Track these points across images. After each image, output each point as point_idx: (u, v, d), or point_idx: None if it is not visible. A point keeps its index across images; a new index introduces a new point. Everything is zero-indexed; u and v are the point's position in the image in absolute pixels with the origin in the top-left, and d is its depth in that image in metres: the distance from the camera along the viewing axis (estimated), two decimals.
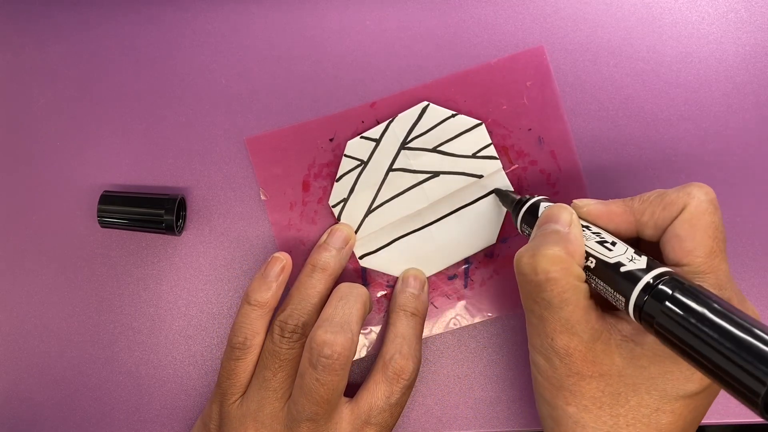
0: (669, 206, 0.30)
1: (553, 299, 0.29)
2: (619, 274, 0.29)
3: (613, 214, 0.32)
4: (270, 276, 0.38)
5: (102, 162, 0.42)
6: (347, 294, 0.37)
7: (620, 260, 0.29)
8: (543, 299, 0.30)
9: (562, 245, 0.30)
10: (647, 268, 0.28)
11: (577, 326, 0.29)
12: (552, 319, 0.30)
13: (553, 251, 0.29)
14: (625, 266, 0.29)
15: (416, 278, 0.40)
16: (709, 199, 0.30)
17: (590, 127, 0.40)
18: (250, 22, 0.42)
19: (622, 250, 0.30)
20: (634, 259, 0.29)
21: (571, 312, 0.29)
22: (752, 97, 0.40)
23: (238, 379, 0.37)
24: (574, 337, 0.29)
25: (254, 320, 0.37)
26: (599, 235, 0.31)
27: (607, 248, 0.30)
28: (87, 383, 0.42)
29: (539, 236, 0.31)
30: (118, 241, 0.42)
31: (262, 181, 0.41)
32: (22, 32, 0.43)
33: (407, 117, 0.40)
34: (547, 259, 0.29)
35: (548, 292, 0.29)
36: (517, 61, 0.40)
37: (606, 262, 0.30)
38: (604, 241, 0.31)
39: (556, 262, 0.29)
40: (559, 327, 0.29)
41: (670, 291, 0.27)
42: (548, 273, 0.29)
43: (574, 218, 0.32)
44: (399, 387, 0.36)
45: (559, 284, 0.29)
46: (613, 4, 0.40)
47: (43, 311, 0.42)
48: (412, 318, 0.38)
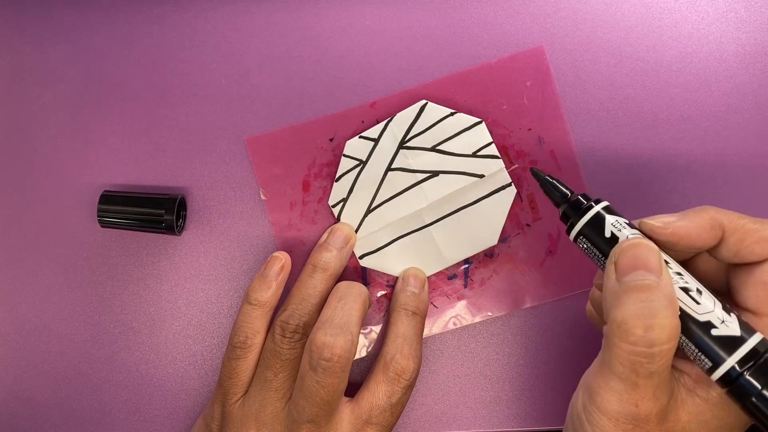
0: (763, 243, 0.28)
1: (659, 369, 0.27)
2: (710, 338, 0.27)
3: (699, 235, 0.29)
4: (270, 275, 0.38)
5: (102, 162, 0.42)
6: (346, 294, 0.37)
7: (710, 319, 0.27)
8: (648, 371, 0.27)
9: (672, 309, 0.27)
10: (742, 333, 0.26)
11: (662, 391, 0.27)
12: (646, 386, 0.27)
13: (668, 322, 0.26)
14: (717, 328, 0.27)
15: (416, 277, 0.39)
16: None
17: (590, 127, 0.40)
18: (250, 22, 0.42)
19: (710, 305, 0.27)
20: (726, 321, 0.27)
21: (662, 377, 0.27)
22: (752, 97, 0.40)
23: (239, 378, 0.37)
24: (657, 401, 0.27)
25: (255, 319, 0.37)
26: (682, 278, 0.28)
27: (693, 299, 0.27)
28: (87, 383, 0.42)
29: (635, 294, 0.27)
30: (118, 241, 0.42)
31: (262, 181, 0.41)
32: (23, 32, 0.43)
33: (405, 116, 0.40)
34: (666, 331, 0.26)
35: (657, 364, 0.26)
36: (517, 61, 0.40)
37: (694, 319, 0.27)
38: (689, 290, 0.28)
39: (673, 333, 0.26)
40: (650, 395, 0.27)
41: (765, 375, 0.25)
42: (664, 345, 0.26)
43: (661, 260, 0.28)
44: (400, 387, 0.36)
45: (670, 354, 0.27)
46: (613, 4, 0.40)
47: (43, 311, 0.42)
48: (413, 317, 0.38)
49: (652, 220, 0.29)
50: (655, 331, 0.26)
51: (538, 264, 0.40)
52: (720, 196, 0.40)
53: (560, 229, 0.40)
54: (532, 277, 0.40)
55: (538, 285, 0.40)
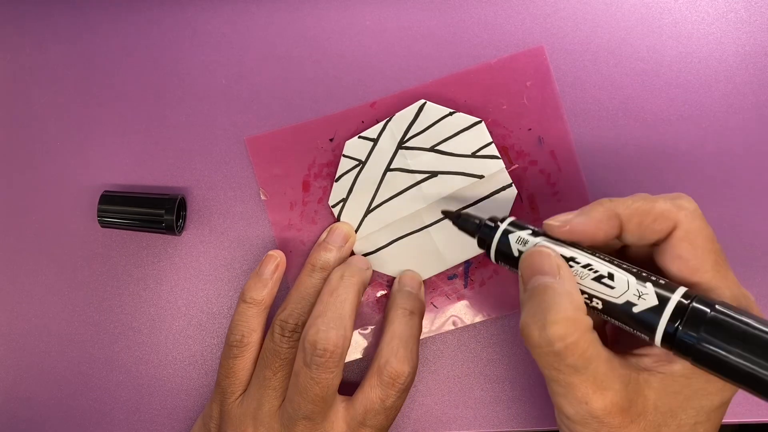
0: (660, 219, 0.29)
1: (577, 362, 0.27)
2: (635, 315, 0.27)
3: (598, 227, 0.30)
4: (265, 274, 0.38)
5: (102, 162, 0.42)
6: (338, 287, 0.37)
7: (628, 299, 0.28)
8: (567, 366, 0.27)
9: (566, 302, 0.28)
10: (660, 300, 0.27)
11: (606, 380, 0.28)
12: (581, 382, 0.28)
13: (561, 315, 0.27)
14: (637, 305, 0.27)
15: (413, 278, 0.39)
16: (698, 212, 0.29)
17: (590, 127, 0.40)
18: (250, 22, 0.42)
19: (624, 284, 0.28)
20: (642, 294, 0.27)
21: (596, 369, 0.27)
22: (752, 97, 0.40)
23: (237, 377, 0.37)
24: (607, 392, 0.28)
25: (251, 318, 0.38)
26: (591, 269, 0.29)
27: (607, 285, 0.28)
28: (87, 383, 0.42)
29: (534, 298, 0.29)
30: (118, 241, 0.42)
31: (262, 181, 0.41)
32: (23, 33, 0.43)
33: (404, 116, 0.40)
34: (559, 326, 0.27)
35: (571, 358, 0.27)
36: (517, 61, 0.40)
37: (614, 303, 0.28)
38: (601, 276, 0.29)
39: (569, 326, 0.27)
40: (591, 387, 0.28)
41: (698, 317, 0.26)
42: (565, 339, 0.27)
43: (558, 261, 0.29)
44: (394, 391, 0.36)
45: (580, 346, 0.27)
46: (613, 4, 0.40)
47: (43, 311, 0.42)
48: (410, 317, 0.38)
49: (551, 220, 0.31)
50: (548, 329, 0.27)
51: None
52: (720, 196, 0.40)
53: None
54: None
55: None
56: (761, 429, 0.42)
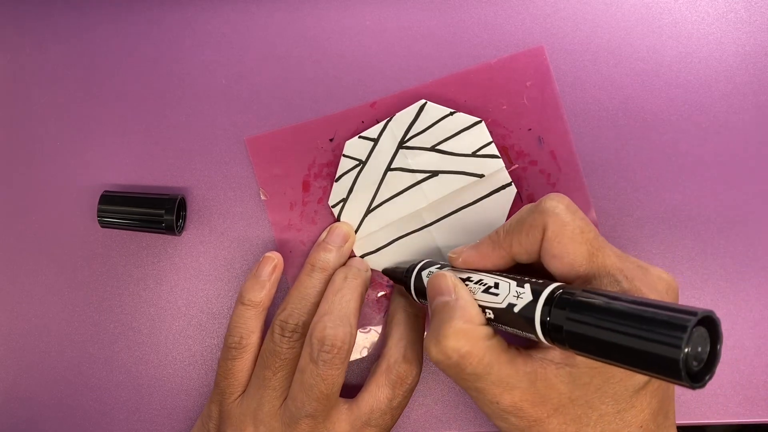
0: (530, 230, 0.31)
1: (477, 370, 0.29)
2: (515, 315, 0.29)
3: (485, 255, 0.33)
4: (263, 275, 0.38)
5: (102, 162, 0.42)
6: (342, 287, 0.37)
7: (509, 301, 0.29)
8: (468, 374, 0.30)
9: (457, 317, 0.30)
10: (534, 295, 0.28)
11: (511, 381, 0.29)
12: (486, 386, 0.30)
13: (452, 328, 0.29)
14: (516, 305, 0.29)
15: None
16: (564, 208, 0.30)
17: (590, 127, 0.40)
18: (250, 22, 0.42)
19: (506, 290, 0.30)
20: (520, 294, 0.29)
21: (498, 371, 0.29)
22: (752, 97, 0.40)
23: (235, 378, 0.37)
24: (514, 391, 0.29)
25: (249, 319, 0.38)
26: (482, 283, 0.31)
27: (493, 294, 0.30)
28: (87, 383, 0.42)
29: (434, 316, 0.31)
30: (118, 241, 0.42)
31: (262, 181, 0.41)
32: (23, 33, 0.43)
33: (405, 115, 0.40)
34: (451, 338, 0.29)
35: (469, 367, 0.29)
36: (517, 61, 0.40)
37: (499, 308, 0.30)
38: (489, 288, 0.31)
39: (461, 337, 0.29)
40: (497, 390, 0.29)
41: (563, 309, 0.27)
42: (459, 350, 0.29)
43: (455, 281, 0.32)
44: (402, 391, 0.36)
45: (474, 355, 0.29)
46: (613, 4, 0.40)
47: (43, 311, 0.42)
48: (416, 319, 0.38)
49: (451, 253, 0.34)
50: (441, 343, 0.29)
51: None
52: (720, 196, 0.40)
53: None
54: None
55: None
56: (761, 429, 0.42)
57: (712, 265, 0.40)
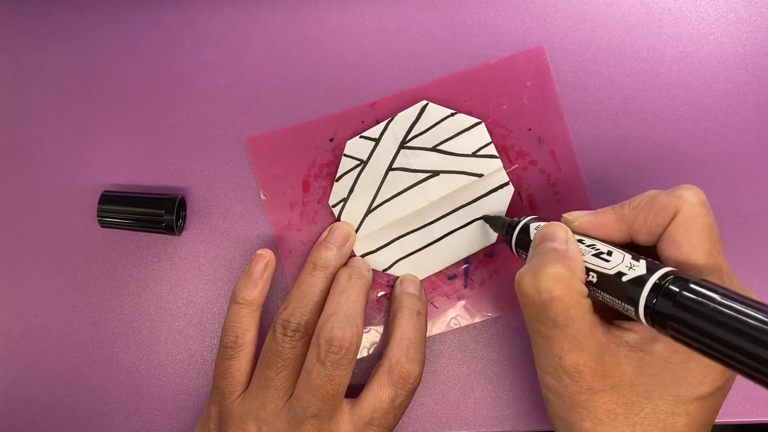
0: (661, 212, 0.30)
1: (558, 318, 0.29)
2: (622, 284, 0.28)
3: (604, 224, 0.32)
4: (255, 273, 0.38)
5: (102, 162, 0.42)
6: (347, 287, 0.37)
7: (620, 269, 0.29)
8: (548, 318, 0.29)
9: (563, 263, 0.29)
10: (648, 271, 0.28)
11: (584, 342, 0.29)
12: (558, 337, 0.29)
13: (554, 269, 0.29)
14: (627, 275, 0.28)
15: (414, 281, 0.40)
16: (700, 201, 0.30)
17: (590, 127, 0.40)
18: (250, 22, 0.42)
19: (620, 259, 0.29)
20: (633, 266, 0.29)
21: (577, 329, 0.29)
22: (752, 97, 0.40)
23: (233, 378, 0.37)
24: (582, 353, 0.29)
25: (243, 318, 0.38)
26: (594, 247, 0.31)
27: (604, 260, 0.30)
28: (87, 383, 0.42)
29: (537, 256, 0.31)
30: (118, 241, 0.42)
31: (262, 181, 0.41)
32: (23, 33, 0.43)
33: (406, 116, 0.40)
34: (549, 278, 0.29)
35: (553, 311, 0.29)
36: (517, 61, 0.40)
37: (606, 274, 0.29)
38: (600, 253, 0.30)
39: (559, 280, 0.29)
40: (567, 345, 0.29)
41: (678, 289, 0.26)
42: (552, 292, 0.29)
43: (570, 235, 0.31)
44: (404, 390, 0.36)
45: (563, 302, 0.29)
46: (613, 4, 0.40)
47: (43, 311, 0.42)
48: (418, 318, 0.38)
49: (567, 215, 0.33)
50: (538, 278, 0.29)
51: None
52: (720, 196, 0.40)
53: None
54: None
55: None
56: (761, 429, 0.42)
57: None
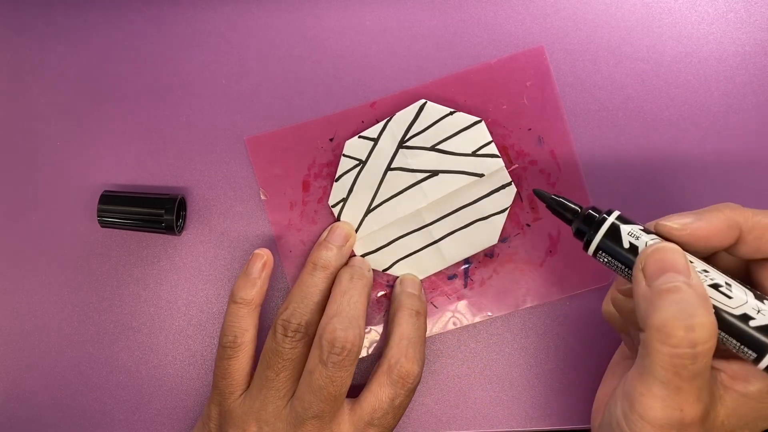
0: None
1: (700, 370, 0.26)
2: (749, 330, 0.27)
3: (718, 234, 0.29)
4: (253, 273, 0.38)
5: (102, 162, 0.42)
6: (349, 288, 0.37)
7: (746, 312, 0.27)
8: (691, 372, 0.26)
9: (707, 307, 0.26)
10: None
11: (705, 392, 0.27)
12: (689, 389, 0.26)
13: (707, 320, 0.26)
14: (755, 319, 0.27)
15: (413, 281, 0.40)
16: None
17: (590, 127, 0.40)
18: (250, 22, 0.42)
19: (743, 297, 0.27)
20: (762, 310, 0.27)
21: (705, 379, 0.27)
22: (752, 97, 0.40)
23: (233, 378, 0.37)
24: (701, 404, 0.27)
25: (242, 318, 0.38)
26: (708, 275, 0.28)
27: (724, 294, 0.27)
28: (87, 383, 0.42)
29: (670, 296, 0.27)
30: (118, 241, 0.42)
31: (262, 181, 0.41)
32: (23, 33, 0.43)
33: (405, 115, 0.40)
34: (704, 330, 0.26)
35: (699, 364, 0.26)
36: (517, 61, 0.40)
37: (730, 313, 0.27)
38: (718, 285, 0.28)
39: (711, 331, 0.26)
40: (694, 397, 0.27)
41: None
42: (705, 344, 0.26)
43: (688, 261, 0.28)
44: (404, 390, 0.36)
45: (710, 353, 0.26)
46: (613, 4, 0.40)
47: (43, 311, 0.42)
48: (417, 317, 0.38)
49: (669, 222, 0.29)
50: (696, 330, 0.26)
51: (538, 264, 0.40)
52: (720, 196, 0.40)
53: (560, 229, 0.40)
54: (532, 277, 0.40)
55: (538, 285, 0.40)
56: None
57: None
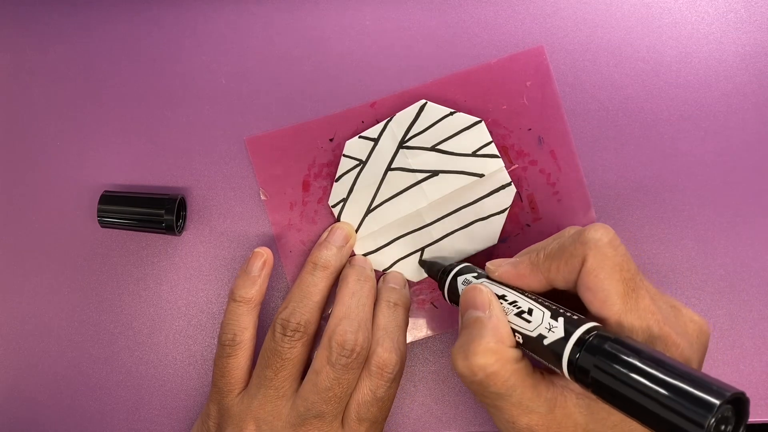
0: (570, 260, 0.30)
1: (500, 390, 0.29)
2: (545, 347, 0.29)
3: (522, 275, 0.32)
4: (253, 271, 0.38)
5: (102, 162, 0.42)
6: (357, 290, 0.37)
7: (540, 332, 0.29)
8: (491, 393, 0.29)
9: (489, 335, 0.30)
10: (566, 333, 0.28)
11: (531, 405, 0.29)
12: (506, 406, 0.30)
13: (483, 346, 0.29)
14: (547, 338, 0.29)
15: (395, 276, 0.40)
16: (606, 241, 0.30)
17: (590, 127, 0.40)
18: (250, 22, 0.42)
19: (540, 319, 0.29)
20: (552, 327, 0.29)
21: (521, 394, 0.29)
22: (752, 97, 0.40)
23: (232, 376, 0.37)
24: (532, 414, 0.29)
25: (241, 316, 0.38)
26: (516, 305, 0.31)
27: (525, 320, 0.30)
28: (87, 383, 0.42)
29: (465, 329, 0.31)
30: (118, 241, 0.42)
31: (262, 181, 0.41)
32: (23, 33, 0.43)
33: (405, 115, 0.40)
34: (480, 356, 0.29)
35: (492, 386, 0.29)
36: (517, 61, 0.40)
37: (529, 336, 0.29)
38: (522, 312, 0.30)
39: (490, 356, 0.29)
40: (516, 411, 0.29)
41: (592, 355, 0.27)
42: (486, 369, 0.29)
43: (492, 297, 0.31)
44: (383, 381, 0.36)
45: (500, 375, 0.29)
46: (613, 4, 0.40)
47: (43, 311, 0.42)
48: (394, 308, 0.38)
49: (490, 264, 0.34)
50: (470, 359, 0.29)
51: None
52: (720, 196, 0.40)
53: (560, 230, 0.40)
54: None
55: None
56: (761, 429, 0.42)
57: (712, 265, 0.40)
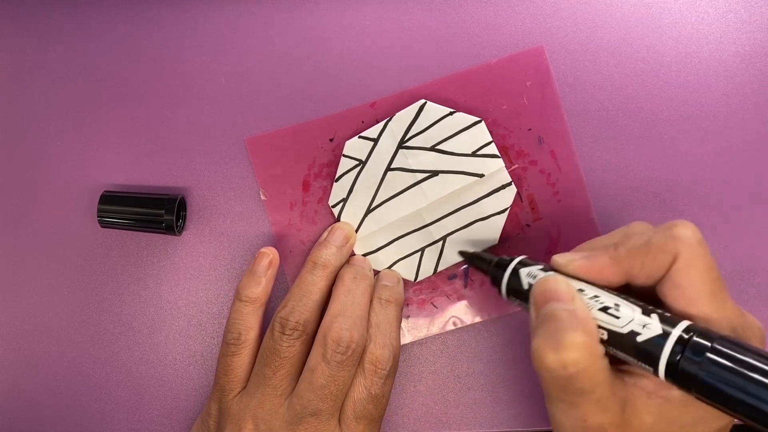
0: (659, 255, 0.29)
1: (585, 386, 0.28)
2: (638, 345, 0.28)
3: (600, 269, 0.31)
4: (258, 271, 0.38)
5: (102, 162, 0.42)
6: (353, 288, 0.37)
7: (633, 328, 0.28)
8: (575, 389, 0.28)
9: (580, 329, 0.28)
10: (664, 331, 0.27)
11: (608, 403, 0.28)
12: (585, 403, 0.28)
13: (577, 339, 0.27)
14: (641, 335, 0.28)
15: (389, 274, 0.40)
16: (698, 240, 0.29)
17: (590, 127, 0.40)
18: (250, 22, 0.42)
19: (630, 315, 0.28)
20: (647, 324, 0.28)
21: (601, 393, 0.28)
22: (752, 97, 0.40)
23: (235, 375, 0.37)
24: (607, 413, 0.28)
25: (247, 316, 0.38)
26: (598, 300, 0.29)
27: (613, 316, 0.29)
28: (87, 383, 0.42)
29: (547, 323, 0.29)
30: (118, 241, 0.42)
31: (262, 181, 0.41)
32: (23, 33, 0.43)
33: (405, 115, 0.40)
34: (572, 350, 0.27)
35: (580, 382, 0.28)
36: (517, 61, 0.40)
37: (618, 333, 0.28)
38: (607, 308, 0.29)
39: (583, 350, 0.27)
40: (593, 408, 0.28)
41: (700, 351, 0.26)
42: (578, 364, 0.27)
43: (573, 290, 0.30)
44: (377, 378, 0.36)
45: (590, 371, 0.28)
46: (613, 4, 0.40)
47: (43, 311, 0.42)
48: (386, 305, 0.38)
49: (558, 257, 0.31)
50: (562, 353, 0.27)
51: None
52: (720, 196, 0.40)
53: (560, 230, 0.40)
54: None
55: None
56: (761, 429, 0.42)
57: None
